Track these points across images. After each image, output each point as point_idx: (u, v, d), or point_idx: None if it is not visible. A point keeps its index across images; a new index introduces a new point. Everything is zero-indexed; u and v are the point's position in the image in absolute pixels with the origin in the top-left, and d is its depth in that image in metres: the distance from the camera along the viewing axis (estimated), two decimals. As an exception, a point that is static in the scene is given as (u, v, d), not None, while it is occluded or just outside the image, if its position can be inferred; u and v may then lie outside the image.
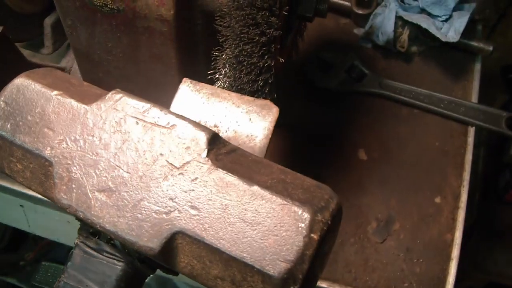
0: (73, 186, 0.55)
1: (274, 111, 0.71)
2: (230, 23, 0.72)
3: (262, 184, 0.51)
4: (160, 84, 0.92)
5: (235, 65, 0.74)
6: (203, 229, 0.51)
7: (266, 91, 0.76)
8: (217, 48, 0.77)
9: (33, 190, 0.62)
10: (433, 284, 1.00)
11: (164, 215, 0.52)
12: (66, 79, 0.64)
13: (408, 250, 1.03)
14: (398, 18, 1.22)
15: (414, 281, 1.00)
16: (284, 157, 1.11)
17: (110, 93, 0.59)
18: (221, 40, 0.75)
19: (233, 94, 0.72)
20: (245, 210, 0.51)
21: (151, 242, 0.52)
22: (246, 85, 0.76)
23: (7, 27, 0.87)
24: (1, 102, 0.61)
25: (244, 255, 0.49)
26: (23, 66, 0.91)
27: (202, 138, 0.55)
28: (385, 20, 1.22)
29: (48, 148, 0.57)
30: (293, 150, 1.13)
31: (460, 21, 1.15)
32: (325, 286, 0.98)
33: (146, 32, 0.83)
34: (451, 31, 1.16)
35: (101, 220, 0.54)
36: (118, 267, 0.57)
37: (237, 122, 0.70)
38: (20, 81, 0.61)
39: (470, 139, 1.15)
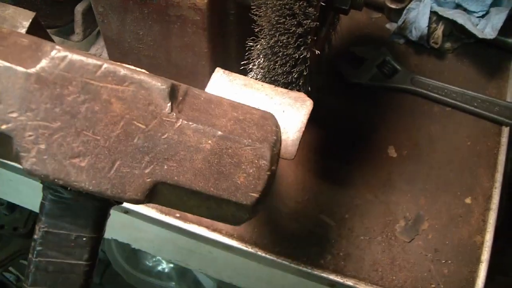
0: (44, 157, 0.54)
1: (308, 104, 0.70)
2: (266, 12, 0.71)
3: (224, 129, 0.59)
4: (190, 73, 0.91)
5: (269, 56, 0.73)
6: (181, 176, 0.57)
7: (300, 83, 0.75)
8: (251, 38, 0.75)
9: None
10: (461, 286, 0.98)
11: (144, 170, 0.57)
12: None
13: (436, 251, 1.01)
14: (433, 13, 1.19)
15: (442, 282, 0.98)
16: (313, 151, 1.09)
17: (52, 53, 0.55)
18: (256, 30, 0.74)
19: (267, 86, 0.71)
20: (215, 154, 0.58)
21: (136, 195, 0.57)
22: (280, 77, 0.75)
23: (40, 14, 0.86)
24: None
25: (221, 193, 0.58)
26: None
27: (163, 91, 0.57)
28: (419, 15, 1.19)
29: (3, 123, 0.54)
30: (322, 144, 1.12)
31: (498, 18, 1.13)
32: (351, 284, 0.96)
33: (178, 20, 0.83)
34: (488, 28, 1.13)
35: (84, 184, 0.55)
36: (93, 208, 0.61)
37: (270, 114, 0.69)
38: None
39: (504, 139, 1.12)
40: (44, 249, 0.60)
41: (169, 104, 0.57)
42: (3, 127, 0.54)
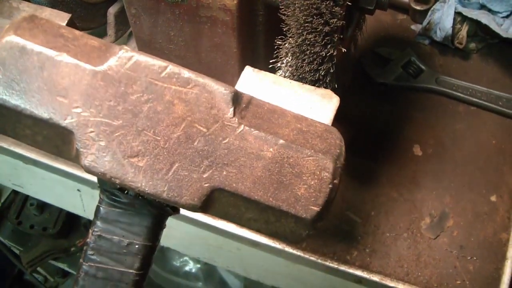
0: (103, 154, 0.55)
1: (335, 100, 0.72)
2: (294, 12, 0.73)
3: (287, 138, 0.57)
4: (220, 73, 0.94)
5: (297, 54, 0.75)
6: (240, 184, 0.55)
7: (327, 81, 0.77)
8: (279, 37, 0.78)
9: (45, 151, 0.61)
10: (487, 283, 0.99)
11: (202, 175, 0.55)
12: (57, 32, 0.59)
13: (461, 248, 1.01)
14: (457, 14, 1.20)
15: (467, 279, 0.99)
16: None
17: (120, 53, 0.57)
18: (284, 29, 0.76)
19: (295, 83, 0.73)
20: (276, 163, 0.56)
21: (192, 200, 0.55)
22: (307, 74, 0.77)
23: (75, 16, 0.90)
24: None
25: (280, 203, 0.56)
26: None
27: (226, 96, 0.57)
28: (443, 16, 1.20)
29: (68, 117, 0.55)
30: (349, 143, 1.12)
31: (523, 18, 1.14)
32: (377, 279, 0.98)
33: (209, 21, 0.85)
34: (512, 28, 1.14)
35: (140, 184, 0.55)
36: (148, 215, 0.61)
37: (298, 110, 0.71)
38: (10, 42, 0.56)
39: (529, 138, 1.13)
40: (95, 254, 0.59)
41: (231, 109, 0.56)
42: (67, 121, 0.55)
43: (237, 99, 0.57)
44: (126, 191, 0.59)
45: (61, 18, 0.88)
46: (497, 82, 1.21)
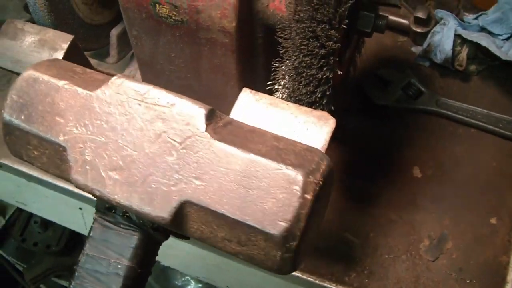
0: (87, 167, 0.60)
1: (331, 122, 0.73)
2: (291, 35, 0.74)
3: (257, 152, 0.57)
4: (220, 94, 0.94)
5: (294, 76, 0.76)
6: (208, 197, 0.56)
7: (323, 103, 0.78)
8: (276, 59, 0.79)
9: (51, 173, 0.67)
10: (486, 306, 0.98)
11: (172, 187, 0.58)
12: (70, 68, 0.68)
13: (461, 270, 1.01)
14: (457, 36, 1.21)
15: (467, 301, 0.99)
16: (340, 170, 1.11)
17: (112, 79, 0.63)
18: (281, 52, 0.77)
19: (291, 105, 0.74)
20: (244, 177, 0.56)
21: (162, 212, 0.58)
22: (304, 96, 0.77)
23: (78, 37, 0.91)
24: (13, 96, 0.65)
25: (246, 218, 0.55)
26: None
27: (200, 114, 0.59)
28: (443, 38, 1.21)
29: (61, 135, 0.62)
30: (349, 164, 1.14)
31: (522, 40, 1.14)
32: (375, 301, 0.98)
33: (208, 43, 0.86)
34: (512, 50, 1.15)
35: (116, 196, 0.59)
36: (135, 236, 0.63)
37: (294, 131, 0.72)
38: (28, 74, 0.65)
39: (529, 161, 1.13)
40: (83, 273, 0.62)
41: (205, 125, 0.59)
42: (61, 138, 0.62)
43: (212, 116, 0.60)
44: (113, 210, 0.63)
45: (64, 39, 0.90)
46: (497, 104, 1.21)
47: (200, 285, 1.98)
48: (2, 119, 0.66)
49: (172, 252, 1.25)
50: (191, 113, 0.60)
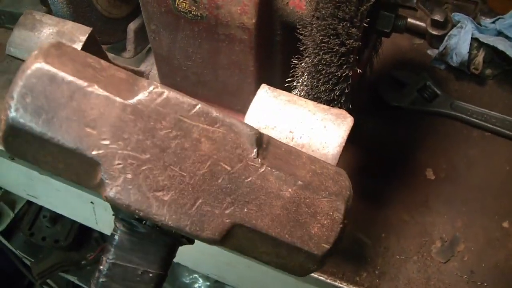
0: (129, 186, 0.56)
1: (349, 120, 0.73)
2: (311, 32, 0.74)
3: (304, 179, 0.61)
4: (236, 90, 0.95)
5: (313, 74, 0.76)
6: (260, 221, 0.59)
7: (342, 101, 0.78)
8: (296, 56, 0.79)
9: (63, 177, 0.62)
10: (497, 310, 0.98)
11: (224, 211, 0.58)
12: (84, 61, 0.58)
13: (472, 273, 1.01)
14: (474, 40, 1.21)
15: (477, 305, 0.98)
16: (353, 171, 1.11)
17: (149, 88, 0.57)
18: (300, 49, 0.77)
19: (310, 102, 0.74)
20: (293, 203, 0.60)
21: (213, 234, 0.58)
22: (322, 94, 0.77)
23: (96, 30, 0.91)
24: (24, 94, 0.54)
25: (295, 240, 0.60)
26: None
27: (251, 138, 0.59)
28: (460, 42, 1.21)
29: (95, 149, 0.55)
30: (362, 164, 1.14)
31: (539, 45, 1.14)
32: (386, 302, 0.98)
33: (227, 39, 0.86)
34: (528, 55, 1.15)
35: (163, 218, 0.56)
36: (165, 245, 0.63)
37: (312, 129, 0.72)
38: (38, 69, 0.55)
39: (543, 165, 1.13)
40: (108, 281, 0.61)
41: (255, 150, 0.59)
42: (94, 152, 0.55)
43: (260, 140, 0.60)
44: (144, 222, 0.61)
45: (82, 31, 0.90)
46: (512, 109, 1.21)
47: (208, 283, 1.98)
48: (8, 119, 0.54)
49: (183, 249, 1.25)
50: (241, 135, 0.59)
